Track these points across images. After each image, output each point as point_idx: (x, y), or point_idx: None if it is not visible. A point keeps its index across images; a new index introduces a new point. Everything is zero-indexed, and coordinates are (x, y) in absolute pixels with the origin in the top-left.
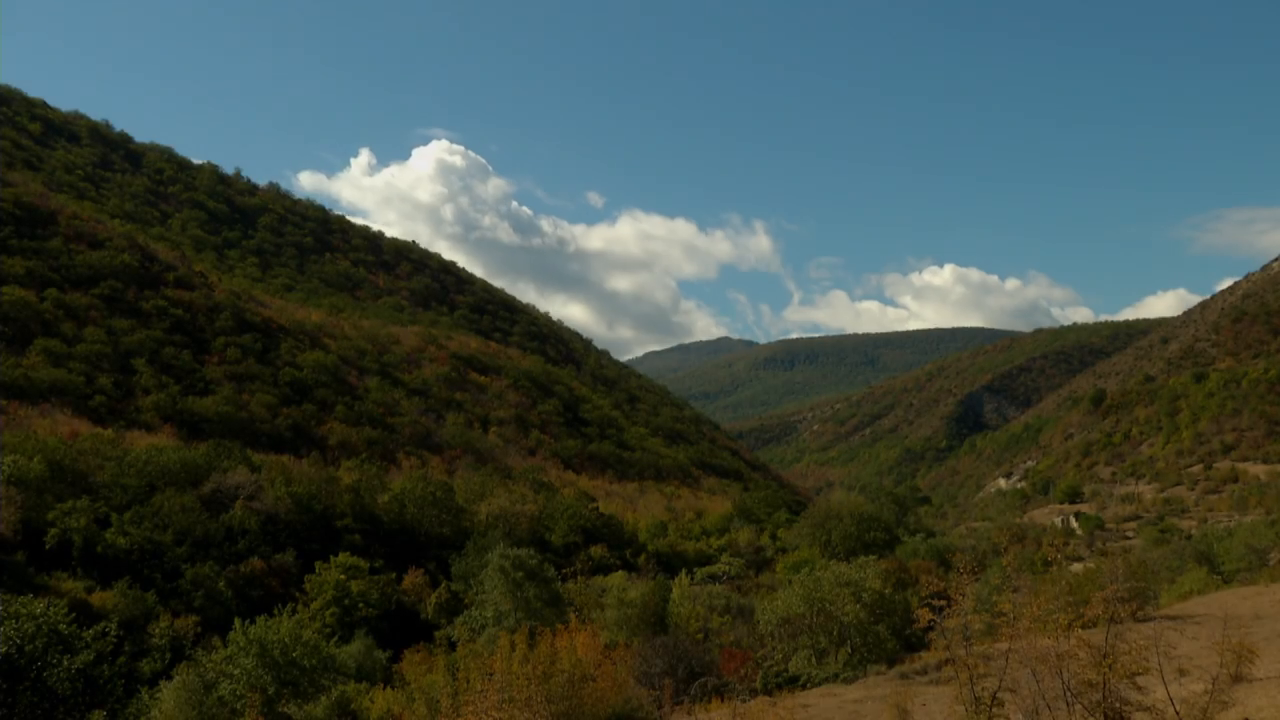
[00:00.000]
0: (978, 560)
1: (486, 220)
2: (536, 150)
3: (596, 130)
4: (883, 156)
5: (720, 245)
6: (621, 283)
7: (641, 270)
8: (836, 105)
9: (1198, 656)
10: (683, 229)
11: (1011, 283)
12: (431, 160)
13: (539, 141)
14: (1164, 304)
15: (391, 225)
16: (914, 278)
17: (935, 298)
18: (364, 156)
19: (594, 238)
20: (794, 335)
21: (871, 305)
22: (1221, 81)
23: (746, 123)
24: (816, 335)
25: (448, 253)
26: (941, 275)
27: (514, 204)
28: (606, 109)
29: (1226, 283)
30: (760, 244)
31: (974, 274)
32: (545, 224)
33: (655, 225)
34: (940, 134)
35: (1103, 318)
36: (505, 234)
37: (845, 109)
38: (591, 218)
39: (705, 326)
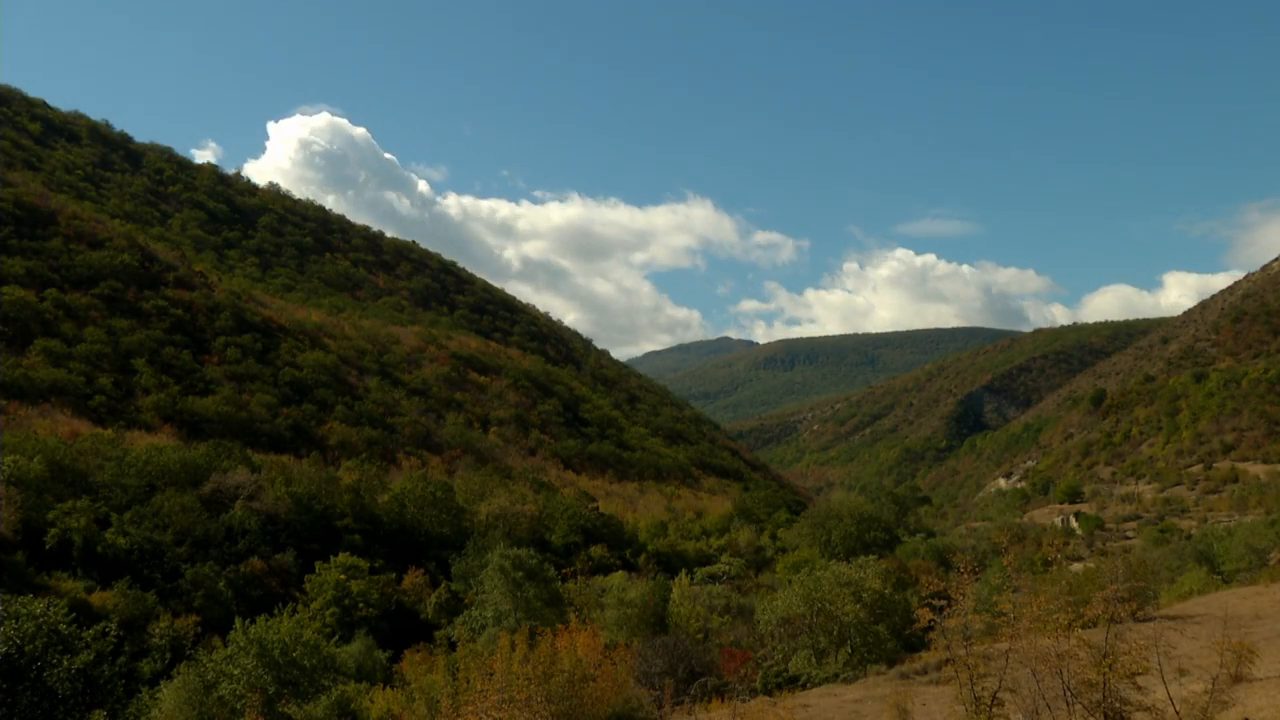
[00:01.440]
0: (978, 560)
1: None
2: (460, 136)
3: (521, 114)
4: (831, 143)
5: (668, 232)
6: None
7: (571, 255)
8: (793, 84)
9: (1198, 656)
10: (622, 213)
11: (962, 267)
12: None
13: (462, 127)
14: (1109, 299)
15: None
16: (870, 268)
17: (892, 286)
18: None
19: (521, 221)
20: (760, 328)
21: (825, 294)
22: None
23: (696, 103)
24: (816, 335)
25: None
26: (897, 261)
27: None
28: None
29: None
30: (720, 231)
31: (928, 259)
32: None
33: (590, 210)
34: (896, 114)
35: (1054, 306)
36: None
37: (795, 88)
38: (516, 198)
39: (662, 310)
